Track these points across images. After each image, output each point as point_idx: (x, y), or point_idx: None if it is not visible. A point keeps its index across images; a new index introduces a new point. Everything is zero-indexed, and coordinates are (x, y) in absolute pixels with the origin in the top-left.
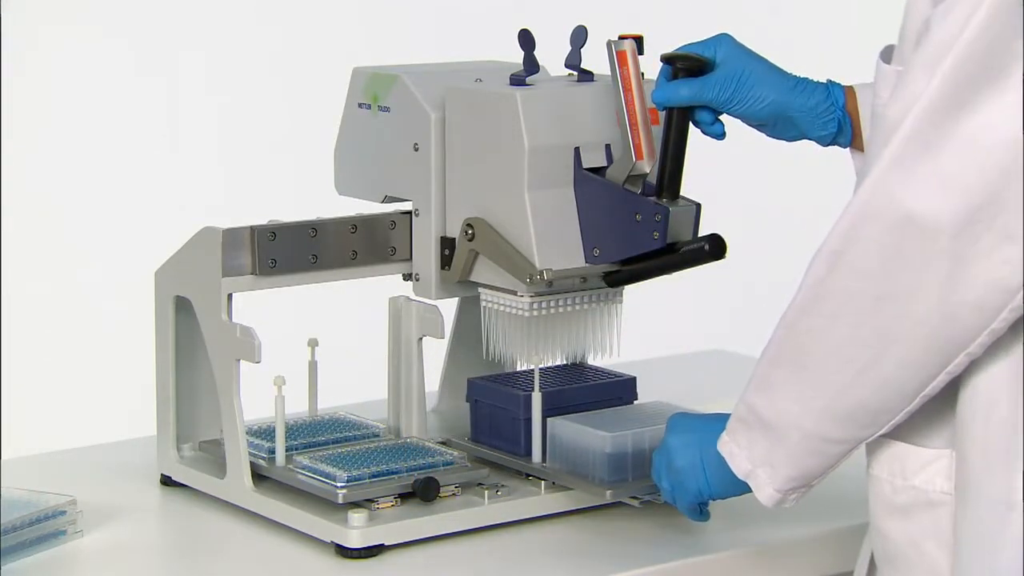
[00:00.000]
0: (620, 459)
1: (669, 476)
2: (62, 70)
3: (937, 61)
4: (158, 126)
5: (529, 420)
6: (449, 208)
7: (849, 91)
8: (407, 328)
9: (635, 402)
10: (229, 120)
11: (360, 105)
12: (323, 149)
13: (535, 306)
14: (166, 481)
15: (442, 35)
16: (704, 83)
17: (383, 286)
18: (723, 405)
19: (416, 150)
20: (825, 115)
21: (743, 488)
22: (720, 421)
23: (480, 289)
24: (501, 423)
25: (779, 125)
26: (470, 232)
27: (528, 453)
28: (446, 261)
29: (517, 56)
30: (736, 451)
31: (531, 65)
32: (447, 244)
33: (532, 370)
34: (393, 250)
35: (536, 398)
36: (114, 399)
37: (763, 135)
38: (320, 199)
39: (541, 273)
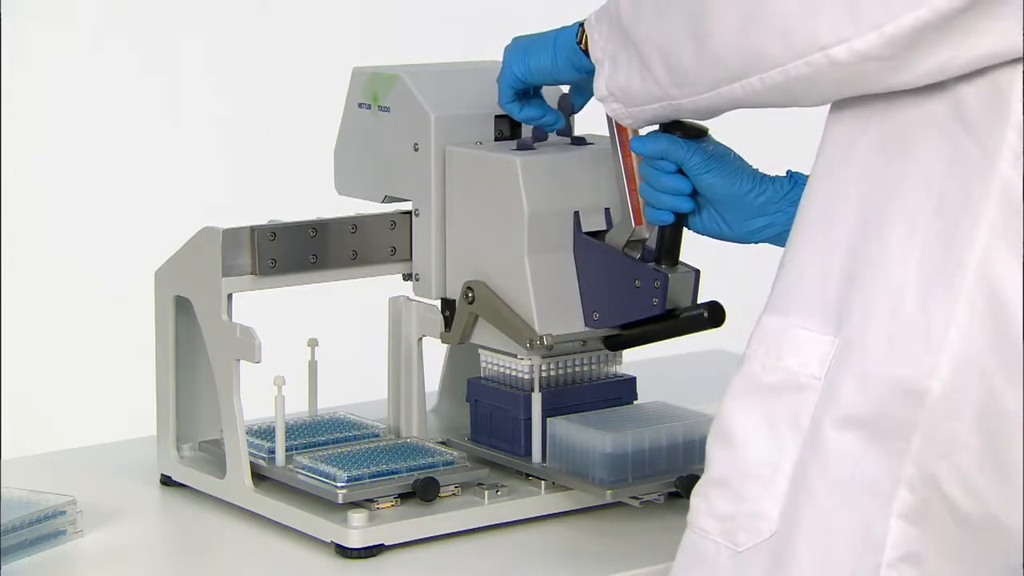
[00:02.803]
0: (620, 459)
1: (504, 69)
2: (62, 69)
3: None
4: (158, 126)
5: (529, 420)
6: (449, 270)
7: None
8: (407, 328)
9: (635, 402)
10: (229, 120)
11: (360, 105)
12: (323, 149)
13: (533, 369)
14: (166, 481)
15: (442, 35)
16: (681, 142)
17: (383, 286)
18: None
19: (416, 150)
20: (790, 197)
21: (562, 64)
22: (555, 32)
23: (480, 351)
24: (501, 423)
25: (736, 209)
26: (470, 295)
27: (528, 453)
28: (447, 323)
29: None
30: (596, 37)
31: (541, 133)
32: (447, 306)
33: (532, 370)
34: (393, 250)
35: (536, 398)
36: (114, 399)
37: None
38: (320, 199)
39: (541, 338)
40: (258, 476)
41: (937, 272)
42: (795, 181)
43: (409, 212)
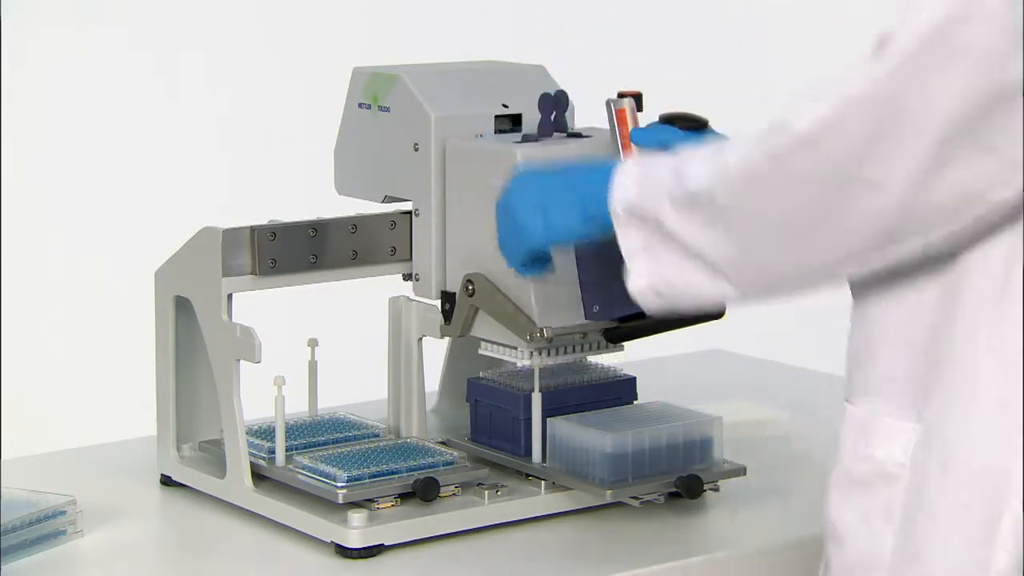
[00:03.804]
0: (620, 459)
1: (507, 227)
2: (62, 69)
3: None
4: (158, 126)
5: (529, 420)
6: (449, 263)
7: None
8: (407, 328)
9: (635, 402)
10: (229, 120)
11: (360, 105)
12: (323, 149)
13: (535, 357)
14: (166, 481)
15: (442, 35)
16: (683, 135)
17: (383, 286)
18: (724, 405)
19: (416, 150)
20: None
21: (585, 236)
22: (570, 175)
23: (481, 343)
24: (501, 423)
25: None
26: (470, 288)
27: (528, 453)
28: (447, 316)
29: (516, 56)
30: (633, 234)
31: (547, 128)
32: (447, 299)
33: (532, 370)
34: (393, 250)
35: (536, 398)
36: (114, 399)
37: None
38: (320, 199)
39: (541, 331)
40: (258, 476)
41: (1012, 356)
42: None
43: (409, 212)
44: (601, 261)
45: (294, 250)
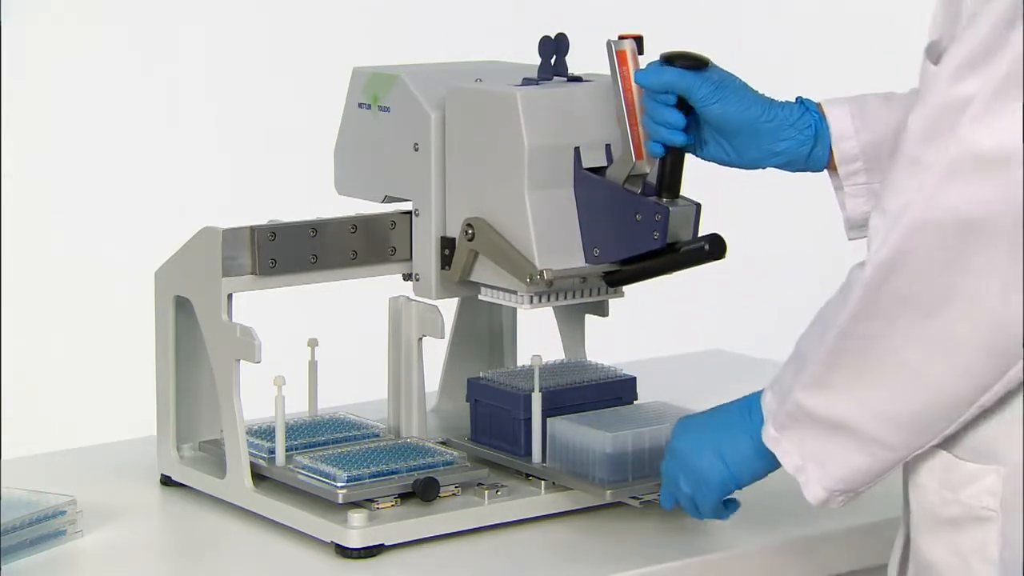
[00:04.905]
0: (620, 459)
1: (687, 478)
2: (62, 69)
3: (992, 60)
4: (158, 126)
5: (529, 420)
6: (449, 208)
7: (819, 106)
8: (407, 328)
9: (635, 402)
10: (229, 120)
11: (360, 105)
12: (323, 149)
13: (535, 301)
14: (166, 481)
15: (442, 35)
16: (688, 74)
17: (383, 286)
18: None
19: (416, 150)
20: (801, 123)
21: (767, 469)
22: (722, 414)
23: (481, 289)
24: (501, 423)
25: (747, 136)
26: (470, 232)
27: (528, 453)
28: (446, 261)
29: (516, 56)
30: (788, 447)
31: (547, 72)
32: (447, 244)
33: (532, 369)
34: (393, 250)
35: (536, 398)
36: (114, 399)
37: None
38: (320, 199)
39: (541, 273)
40: (258, 476)
41: None
42: (805, 107)
43: (409, 212)
44: (601, 204)
45: (294, 250)
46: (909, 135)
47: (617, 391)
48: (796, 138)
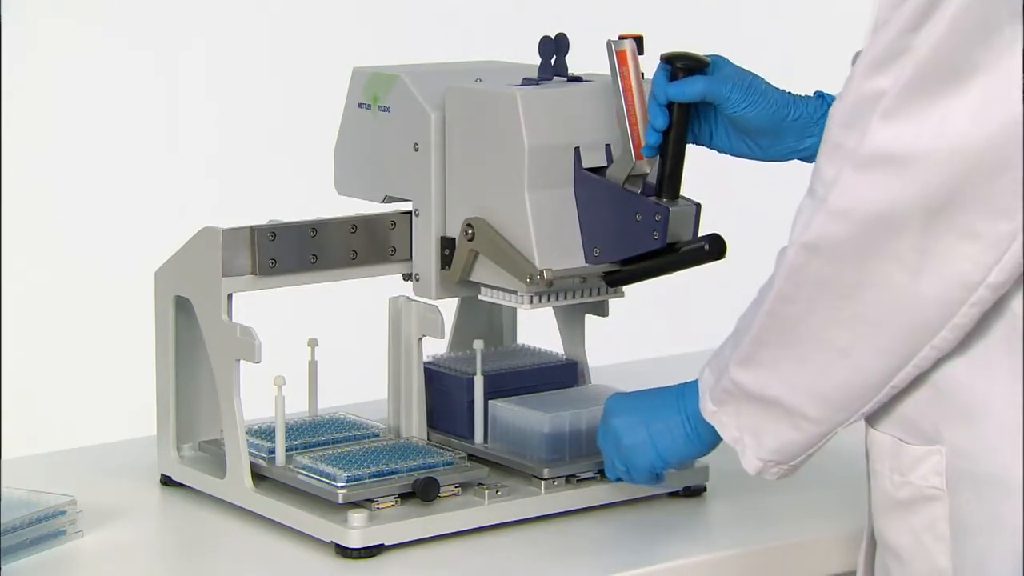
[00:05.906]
0: (558, 439)
1: (620, 455)
2: (62, 70)
3: (898, 62)
4: (158, 126)
5: (472, 403)
6: (449, 208)
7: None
8: (407, 328)
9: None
10: (229, 120)
11: (360, 105)
12: (323, 149)
13: (535, 301)
14: (166, 481)
15: (442, 35)
16: (715, 79)
17: (383, 286)
18: None
19: (416, 150)
20: (824, 119)
21: (696, 453)
22: (657, 396)
23: (481, 289)
24: (450, 407)
25: (773, 135)
26: (470, 232)
27: (472, 435)
28: (446, 261)
29: (516, 56)
30: (726, 420)
31: (547, 72)
32: (447, 244)
33: (475, 353)
34: (393, 250)
35: (478, 381)
36: (114, 399)
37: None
38: (320, 199)
39: (541, 273)
40: (258, 476)
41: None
42: (825, 101)
43: (409, 212)
44: (601, 204)
45: (294, 250)
46: (832, 121)
47: (559, 375)
48: (820, 134)
